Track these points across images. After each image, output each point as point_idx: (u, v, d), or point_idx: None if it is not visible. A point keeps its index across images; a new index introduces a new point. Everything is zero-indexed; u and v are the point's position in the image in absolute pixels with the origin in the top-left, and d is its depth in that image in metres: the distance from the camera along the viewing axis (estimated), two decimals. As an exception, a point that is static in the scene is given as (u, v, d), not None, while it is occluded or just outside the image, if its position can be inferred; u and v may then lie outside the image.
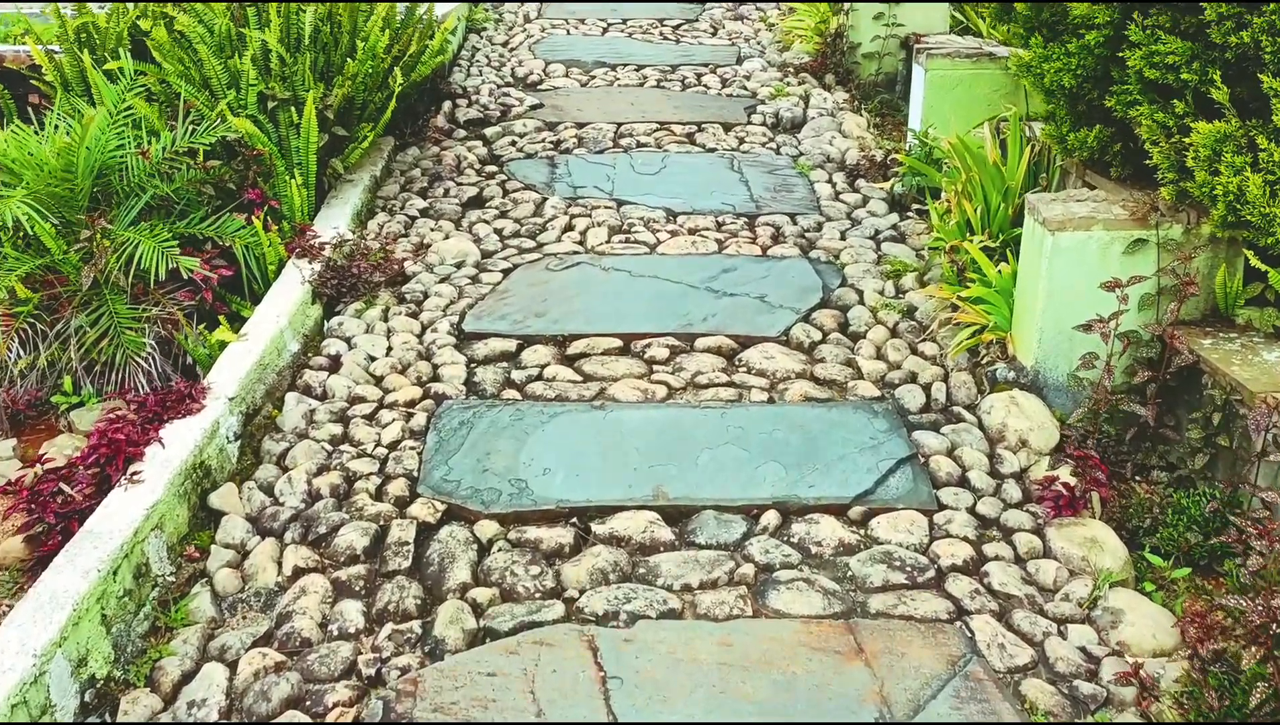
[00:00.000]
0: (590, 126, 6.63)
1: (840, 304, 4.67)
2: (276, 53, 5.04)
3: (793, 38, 8.33)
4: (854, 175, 5.98)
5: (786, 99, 7.11)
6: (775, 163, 6.19)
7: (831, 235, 5.29)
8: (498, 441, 3.74)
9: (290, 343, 4.19)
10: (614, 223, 5.39)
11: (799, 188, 5.86)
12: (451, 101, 6.94)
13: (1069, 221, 3.82)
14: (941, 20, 7.41)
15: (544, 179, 5.95)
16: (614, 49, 8.17)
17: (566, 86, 7.40)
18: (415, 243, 5.19)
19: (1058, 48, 4.19)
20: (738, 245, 5.16)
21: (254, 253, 4.58)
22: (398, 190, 5.77)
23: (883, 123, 6.95)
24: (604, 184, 5.86)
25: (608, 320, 4.50)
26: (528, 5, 9.32)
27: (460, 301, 4.66)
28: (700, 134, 6.57)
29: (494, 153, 6.33)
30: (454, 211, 5.54)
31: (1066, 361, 3.95)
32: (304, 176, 5.07)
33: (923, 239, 5.24)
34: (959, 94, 5.64)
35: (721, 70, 7.75)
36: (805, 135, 6.61)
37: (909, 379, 4.14)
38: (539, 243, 5.22)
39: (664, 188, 5.81)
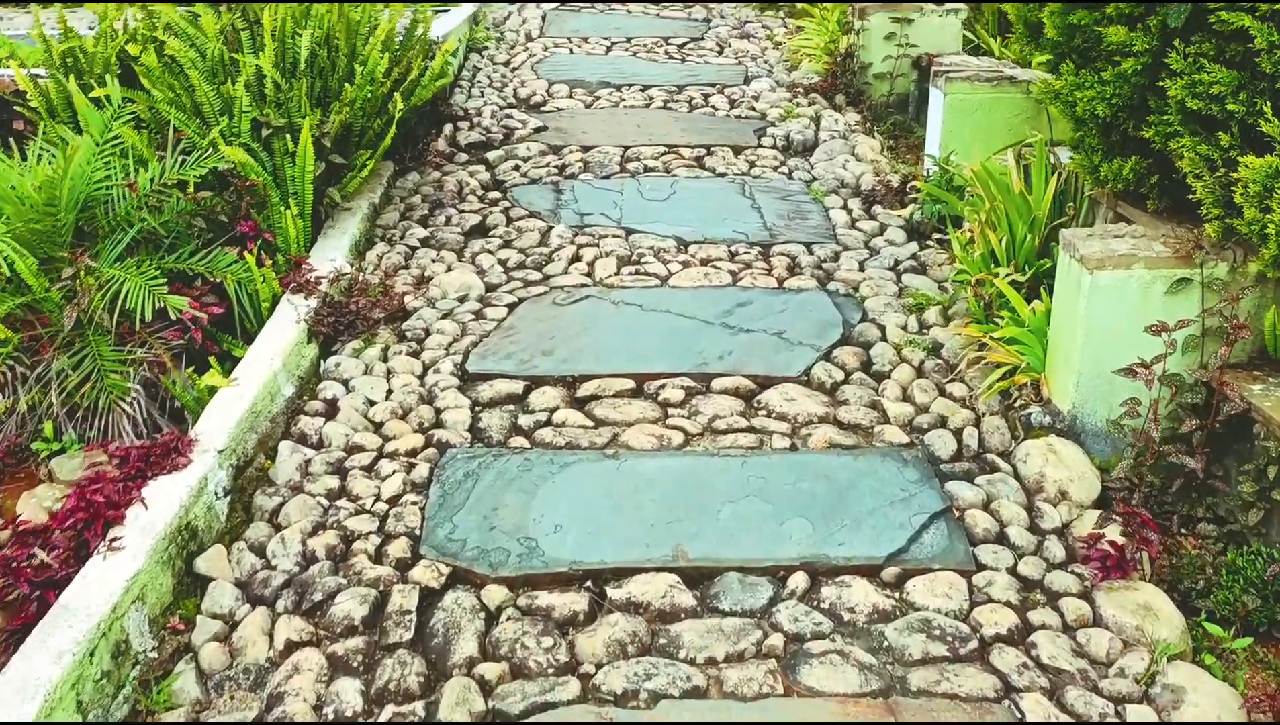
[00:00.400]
0: (596, 150, 6.42)
1: (862, 341, 4.45)
2: (271, 78, 4.83)
3: (800, 57, 8.13)
4: (870, 201, 5.77)
5: (797, 121, 6.91)
6: (788, 188, 5.98)
7: (849, 266, 5.08)
8: (505, 495, 3.51)
9: (284, 386, 3.97)
10: (623, 253, 5.18)
11: (813, 215, 5.64)
12: (452, 124, 6.73)
13: (1108, 259, 3.61)
14: (954, 40, 7.22)
15: (549, 206, 5.73)
16: (618, 69, 7.97)
17: (570, 108, 7.20)
18: (416, 275, 4.97)
19: (1090, 75, 3.99)
20: (752, 277, 4.95)
21: (246, 289, 4.36)
22: (397, 218, 5.56)
23: (896, 145, 6.75)
24: (611, 211, 5.65)
25: (619, 359, 4.28)
26: (530, 24, 9.12)
27: (464, 339, 4.44)
28: (709, 157, 6.37)
29: (497, 178, 6.12)
30: (456, 241, 5.32)
31: (1106, 406, 3.74)
32: (300, 207, 4.86)
33: (944, 270, 5.03)
34: (979, 118, 5.44)
35: (729, 90, 7.55)
36: (818, 159, 6.40)
37: (938, 423, 3.92)
38: (545, 274, 5.00)
39: (674, 215, 5.60)
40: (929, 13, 7.13)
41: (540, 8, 9.60)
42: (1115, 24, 3.77)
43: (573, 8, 9.69)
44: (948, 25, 7.17)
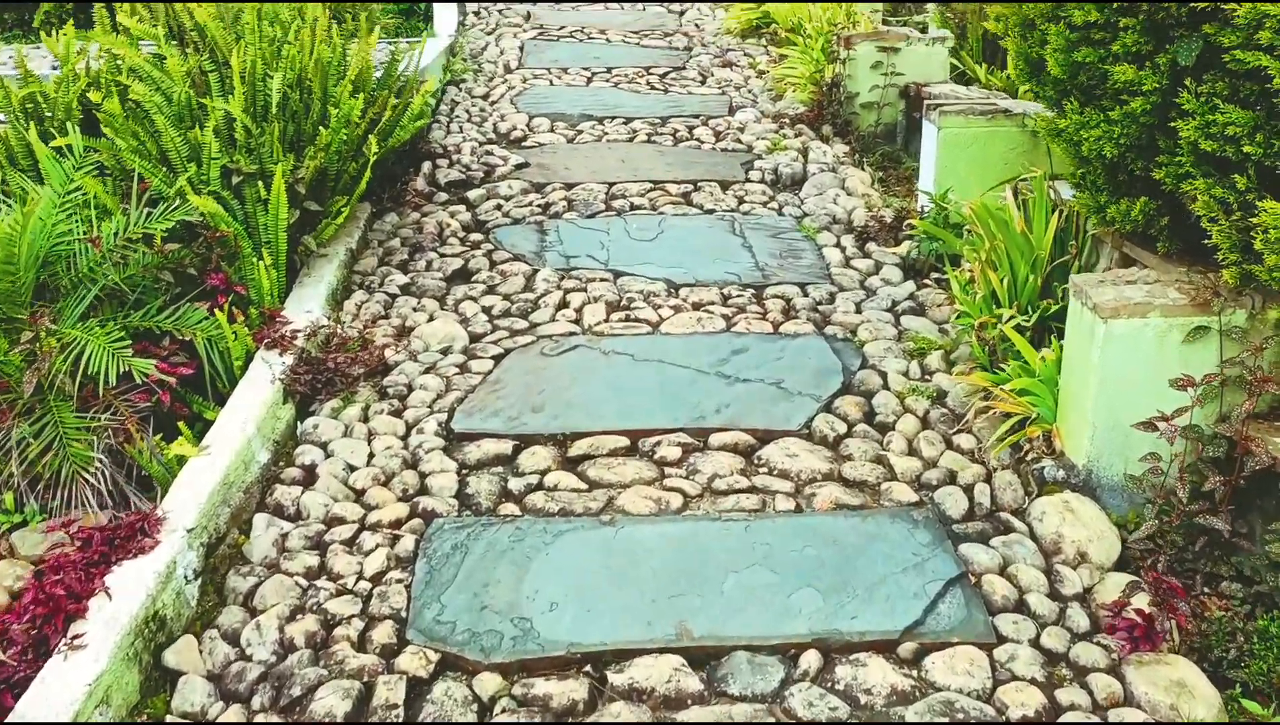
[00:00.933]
0: (580, 187, 6.25)
1: (864, 389, 4.28)
2: (242, 123, 4.63)
3: (785, 85, 8.00)
4: (863, 238, 5.62)
5: (785, 153, 6.76)
6: (779, 225, 5.82)
7: (846, 308, 4.91)
8: (496, 569, 3.31)
9: (259, 453, 3.76)
10: (612, 298, 4.99)
11: (806, 253, 5.48)
12: (431, 162, 6.54)
13: (1122, 308, 3.45)
14: (941, 68, 7.10)
15: (533, 247, 5.55)
16: (600, 100, 7.81)
17: (552, 143, 7.02)
18: (397, 325, 4.77)
19: (1096, 114, 3.84)
20: (747, 322, 4.77)
21: (217, 346, 4.15)
22: (376, 263, 5.36)
23: (886, 177, 6.61)
24: (598, 252, 5.47)
25: (612, 414, 4.09)
26: (508, 55, 8.95)
27: (448, 395, 4.24)
28: (697, 193, 6.20)
29: (478, 218, 5.93)
30: (438, 287, 5.12)
31: (1122, 459, 3.58)
32: (273, 256, 4.65)
33: (944, 311, 4.87)
34: (973, 153, 5.29)
35: (714, 122, 7.39)
36: (807, 193, 6.25)
37: (947, 479, 3.75)
38: (532, 323, 4.81)
39: (662, 256, 5.42)
40: (916, 41, 7.01)
41: (518, 38, 9.43)
42: (1123, 62, 3.63)
43: (550, 37, 9.53)
44: (935, 54, 7.04)
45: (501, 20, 10.08)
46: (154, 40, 5.04)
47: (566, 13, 10.47)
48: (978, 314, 4.48)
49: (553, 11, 10.47)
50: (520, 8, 10.56)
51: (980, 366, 4.33)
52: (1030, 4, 3.98)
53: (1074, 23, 3.76)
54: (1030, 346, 3.96)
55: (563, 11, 10.51)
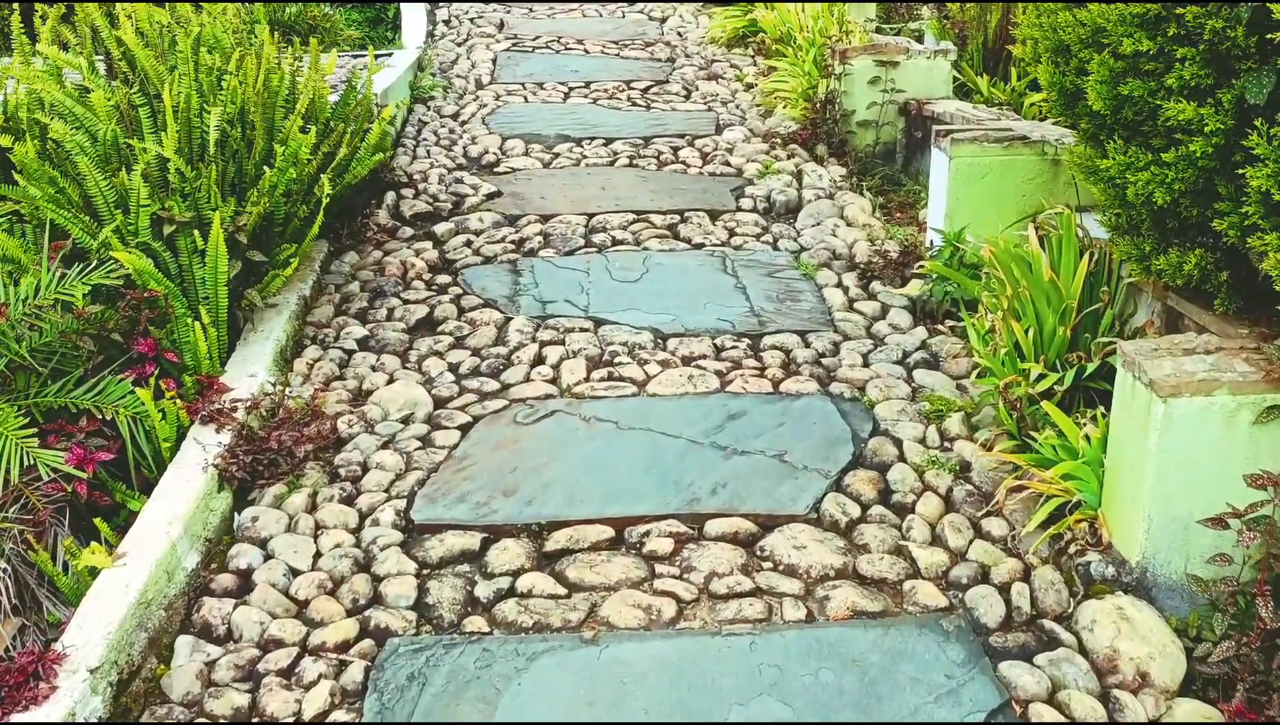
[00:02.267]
0: (557, 220, 5.75)
1: (877, 462, 3.80)
2: (175, 166, 4.11)
3: (775, 100, 7.51)
4: (867, 276, 5.14)
5: (777, 177, 6.27)
6: (774, 261, 5.33)
7: (853, 360, 4.43)
8: (459, 705, 2.82)
9: (186, 557, 3.25)
10: (593, 351, 4.50)
11: (806, 295, 5.00)
12: (395, 192, 6.02)
13: (1184, 385, 2.98)
14: (944, 84, 6.64)
15: (506, 291, 5.05)
16: (578, 119, 7.31)
17: (527, 168, 6.52)
18: (353, 388, 4.26)
19: (1144, 154, 3.37)
20: (743, 379, 4.29)
21: (144, 425, 3.63)
22: (332, 313, 4.84)
23: (887, 203, 6.13)
24: (577, 296, 4.97)
25: (594, 497, 3.60)
26: (479, 69, 8.43)
27: (408, 475, 3.74)
28: (684, 225, 5.71)
29: (446, 257, 5.42)
30: (399, 341, 4.62)
31: (1182, 555, 3.11)
32: (213, 314, 4.14)
33: (962, 363, 4.40)
34: (988, 185, 4.82)
35: (700, 142, 6.90)
36: (803, 223, 5.76)
37: (979, 577, 3.27)
38: (504, 383, 4.31)
39: (648, 300, 4.93)
40: (916, 55, 6.54)
41: (491, 49, 8.91)
42: (1179, 97, 3.16)
43: (525, 48, 9.02)
44: (937, 68, 6.58)
45: (474, 30, 9.57)
46: (79, 70, 4.51)
47: (542, 21, 9.96)
48: (1001, 371, 4.01)
49: (528, 20, 9.96)
50: (494, 16, 10.05)
51: (1008, 434, 3.86)
52: (1066, 28, 3.49)
53: (1120, 51, 3.29)
54: (1069, 421, 3.49)
55: (538, 20, 10.00)
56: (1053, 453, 3.45)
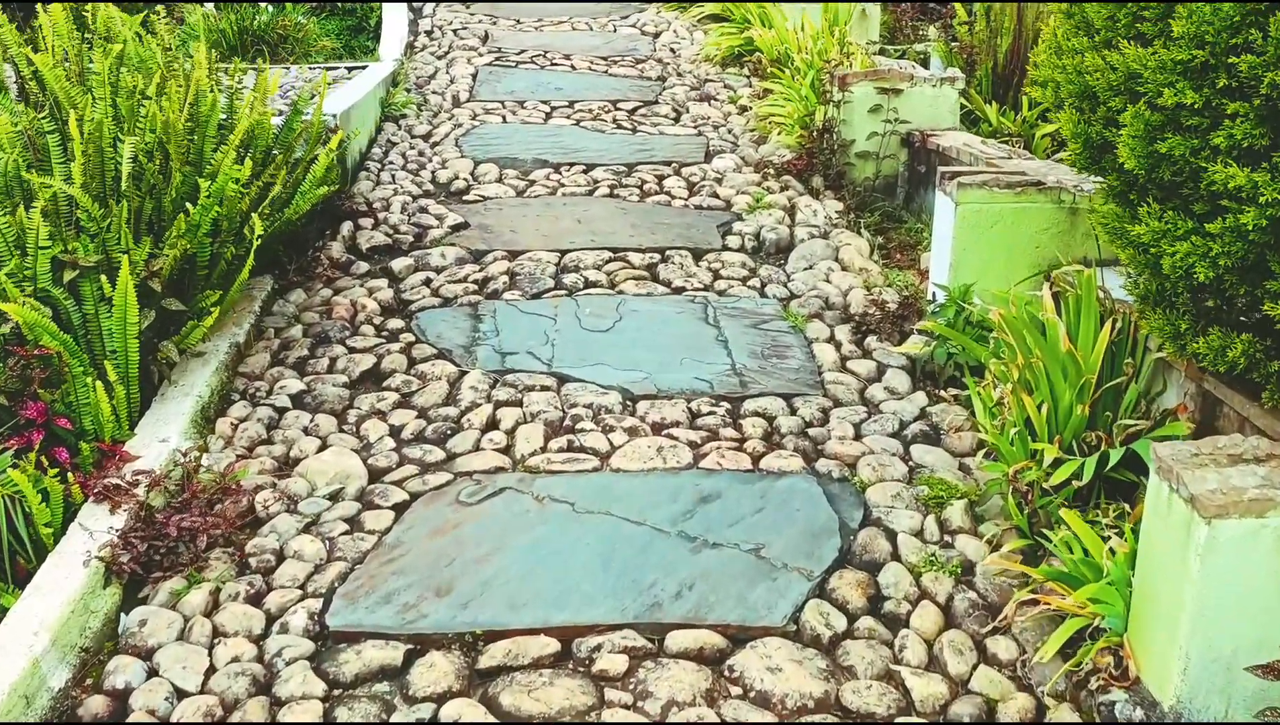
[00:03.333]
0: (526, 257, 5.27)
1: (868, 559, 3.32)
2: (82, 202, 3.63)
3: (770, 126, 7.04)
4: (862, 329, 4.66)
5: (768, 212, 5.80)
6: (760, 310, 4.86)
7: (843, 431, 3.95)
8: None
9: (52, 675, 2.77)
10: (553, 415, 4.02)
11: (794, 351, 4.52)
12: (353, 222, 5.55)
13: (1233, 504, 2.50)
14: (950, 114, 6.16)
15: (463, 340, 4.57)
16: (558, 142, 6.84)
17: (499, 196, 6.04)
18: (279, 456, 3.78)
19: (1183, 221, 2.89)
20: (719, 453, 3.81)
21: (23, 507, 3.16)
22: (268, 362, 4.36)
23: (887, 243, 5.66)
24: (541, 347, 4.49)
25: (541, 599, 3.13)
26: (458, 85, 7.95)
27: (329, 567, 3.26)
28: (664, 265, 5.23)
29: (402, 297, 4.95)
30: (339, 398, 4.14)
31: (1224, 698, 2.63)
32: (121, 370, 3.67)
33: (965, 438, 3.92)
34: (999, 234, 4.35)
35: (688, 170, 6.43)
36: (795, 266, 5.29)
37: (985, 715, 2.79)
38: (450, 452, 3.83)
39: (620, 353, 4.45)
40: (921, 82, 6.07)
41: (472, 63, 8.44)
42: (1228, 159, 2.68)
43: (508, 62, 8.54)
44: (943, 97, 6.11)
45: (456, 42, 9.10)
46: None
47: (529, 34, 9.49)
48: (1010, 453, 3.53)
49: (514, 33, 9.49)
50: (479, 27, 9.59)
51: (1017, 530, 3.38)
52: (1095, 72, 3.01)
53: (1159, 102, 2.81)
54: (1092, 533, 3.01)
55: (525, 32, 9.53)
56: (1072, 566, 2.96)
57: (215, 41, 7.93)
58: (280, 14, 8.29)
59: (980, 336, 4.14)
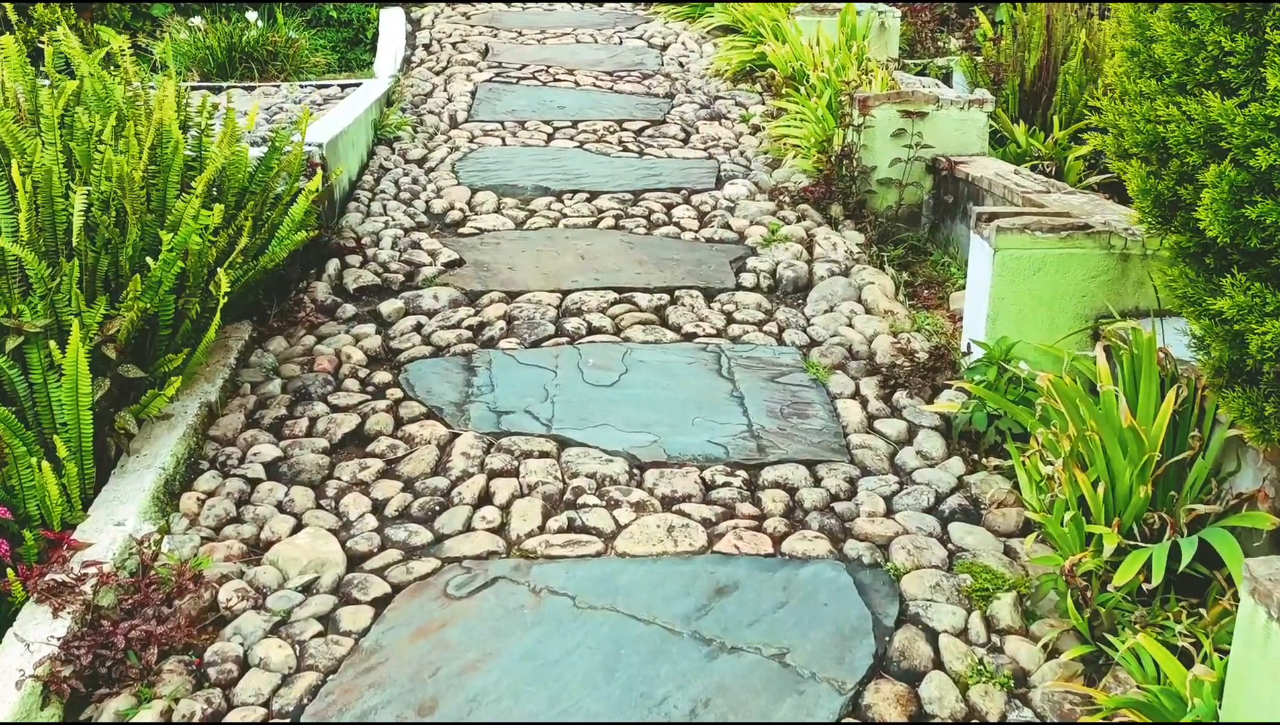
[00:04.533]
0: (525, 298, 4.90)
1: (906, 666, 2.94)
2: (27, 262, 3.27)
3: (785, 149, 6.66)
4: (890, 383, 4.28)
5: (785, 246, 5.42)
6: (779, 360, 4.48)
7: (873, 506, 3.58)
8: None
9: (-28, 828, 2.40)
10: (552, 487, 3.65)
11: (816, 408, 4.14)
12: (340, 260, 5.18)
13: (1348, 641, 2.12)
14: (979, 139, 5.78)
15: (455, 395, 4.20)
16: (561, 166, 6.46)
17: (497, 229, 5.67)
18: (249, 537, 3.42)
19: (1272, 294, 2.51)
20: (736, 533, 3.43)
21: (-48, 615, 2.79)
22: (242, 423, 3.99)
23: (912, 280, 5.28)
24: (540, 405, 4.12)
25: (535, 720, 2.75)
26: (456, 104, 7.58)
27: (297, 680, 2.88)
28: (674, 308, 4.86)
29: (390, 345, 4.58)
30: (317, 467, 3.77)
31: None
32: (73, 445, 3.30)
33: (1009, 515, 3.54)
34: (1041, 283, 3.96)
35: (698, 198, 6.05)
36: (815, 307, 4.91)
37: None
38: (438, 533, 3.46)
39: (626, 411, 4.08)
40: (948, 105, 5.68)
41: (471, 80, 8.06)
42: (1334, 232, 2.30)
43: (509, 79, 8.17)
44: (971, 120, 5.72)
45: (455, 56, 8.72)
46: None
47: (531, 47, 9.12)
48: (1064, 541, 3.17)
49: (515, 46, 9.12)
50: (479, 41, 9.21)
51: (1075, 633, 3.00)
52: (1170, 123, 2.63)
53: (1248, 162, 2.43)
54: (1172, 658, 2.62)
55: (527, 46, 9.15)
56: (1150, 696, 2.58)
57: (202, 59, 7.58)
58: (270, 30, 7.92)
59: (1022, 398, 3.76)
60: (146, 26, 9.14)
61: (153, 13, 9.21)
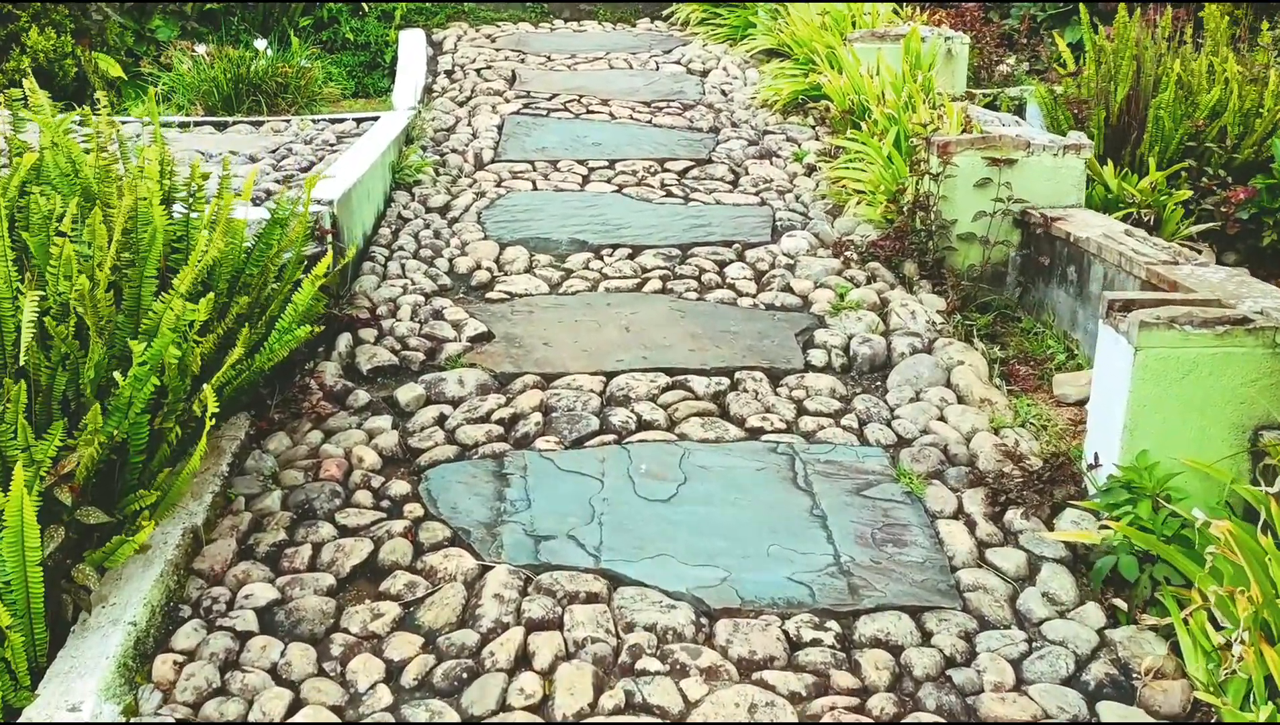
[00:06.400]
0: (564, 383, 4.27)
1: None
2: (-39, 382, 2.65)
3: (846, 194, 6.01)
4: (999, 498, 3.61)
5: (856, 315, 4.76)
6: (863, 465, 3.82)
7: (998, 674, 2.91)
8: None
9: None
10: (605, 644, 3.00)
11: (914, 532, 3.48)
12: (352, 334, 4.55)
13: None
14: (1075, 188, 5.12)
15: (485, 513, 3.56)
16: (598, 215, 5.82)
17: (529, 293, 5.03)
18: (236, 716, 2.78)
19: None
20: (834, 714, 2.78)
21: None
22: (233, 553, 3.36)
23: (1005, 356, 4.62)
24: (586, 528, 3.47)
25: None
26: (482, 140, 6.94)
27: None
28: (735, 395, 4.21)
29: (408, 443, 3.95)
30: (320, 614, 3.13)
31: None
32: (18, 607, 2.68)
33: (1172, 691, 2.86)
34: (1190, 388, 3.29)
35: (753, 253, 5.40)
36: (897, 393, 4.25)
37: None
38: (465, 713, 2.81)
39: (688, 537, 3.43)
40: (1040, 151, 5.02)
41: (498, 111, 7.44)
42: None
43: (539, 110, 7.54)
44: (1065, 169, 5.05)
45: (479, 85, 8.09)
46: None
47: (561, 73, 8.49)
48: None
49: (545, 72, 8.49)
50: (505, 66, 8.59)
51: None
52: None
53: None
54: None
55: (556, 71, 8.52)
56: None
57: (206, 91, 6.98)
58: (280, 59, 7.32)
59: (1177, 534, 3.08)
60: (151, 52, 8.58)
61: (158, 37, 8.64)
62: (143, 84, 7.81)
